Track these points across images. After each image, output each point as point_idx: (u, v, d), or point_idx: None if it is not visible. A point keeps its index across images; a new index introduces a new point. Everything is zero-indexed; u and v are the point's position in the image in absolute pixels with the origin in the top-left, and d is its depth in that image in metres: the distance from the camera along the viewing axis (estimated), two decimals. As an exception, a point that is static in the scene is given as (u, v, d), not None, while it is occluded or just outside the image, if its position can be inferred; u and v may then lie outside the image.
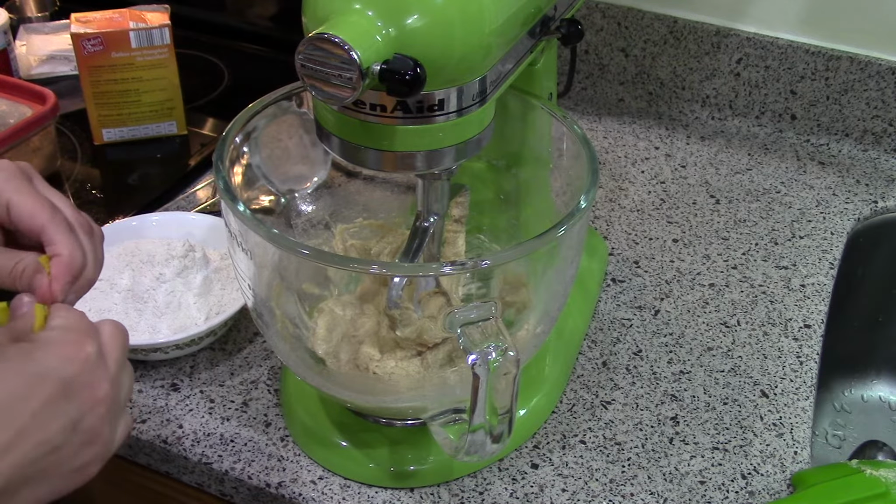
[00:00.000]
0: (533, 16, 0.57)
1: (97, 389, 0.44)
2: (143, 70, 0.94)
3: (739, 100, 1.05)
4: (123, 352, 0.48)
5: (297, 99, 0.63)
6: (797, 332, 0.78)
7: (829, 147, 1.03)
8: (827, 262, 0.86)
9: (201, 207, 0.87)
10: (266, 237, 0.52)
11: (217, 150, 0.58)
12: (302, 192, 0.70)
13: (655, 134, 1.05)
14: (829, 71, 0.99)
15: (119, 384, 0.46)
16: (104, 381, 0.45)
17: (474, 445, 0.52)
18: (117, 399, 0.46)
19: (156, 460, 0.68)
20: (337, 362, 0.60)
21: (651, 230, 0.90)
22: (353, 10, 0.46)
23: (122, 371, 0.47)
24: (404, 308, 0.60)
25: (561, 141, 0.64)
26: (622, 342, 0.76)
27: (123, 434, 0.48)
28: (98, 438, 0.45)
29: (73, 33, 0.90)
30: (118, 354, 0.47)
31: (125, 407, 0.48)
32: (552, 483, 0.64)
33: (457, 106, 0.50)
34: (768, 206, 0.93)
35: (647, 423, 0.69)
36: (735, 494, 0.64)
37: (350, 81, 0.44)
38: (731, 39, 1.01)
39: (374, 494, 0.63)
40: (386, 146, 0.50)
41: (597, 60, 1.09)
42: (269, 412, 0.69)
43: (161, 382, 0.71)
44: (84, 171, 0.94)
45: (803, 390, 0.72)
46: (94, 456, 0.45)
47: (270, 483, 0.63)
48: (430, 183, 0.59)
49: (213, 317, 0.71)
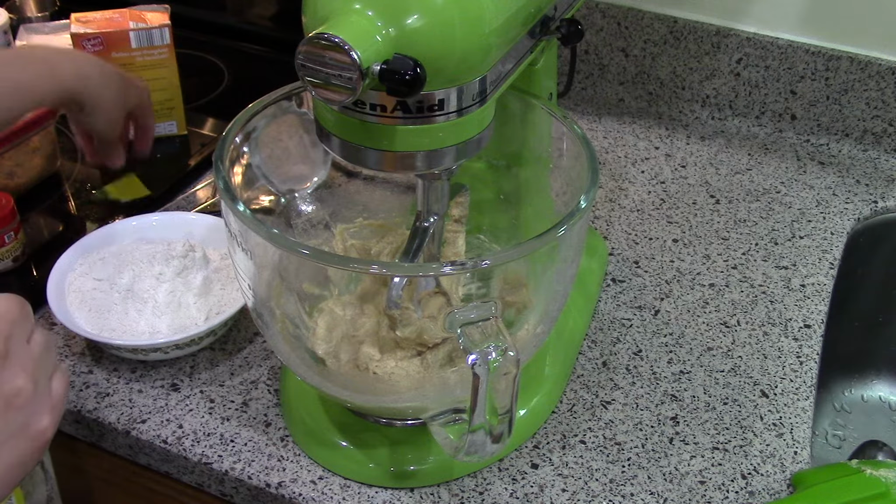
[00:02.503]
0: (533, 16, 0.57)
1: (7, 386, 0.45)
2: (143, 70, 0.94)
3: (739, 100, 1.05)
4: (22, 324, 0.47)
5: (297, 99, 0.63)
6: (797, 332, 0.78)
7: (829, 147, 1.03)
8: (827, 262, 0.86)
9: (201, 207, 0.87)
10: (266, 237, 0.52)
11: (217, 150, 0.58)
12: (302, 192, 0.70)
13: (655, 134, 1.05)
14: (829, 71, 0.99)
15: (32, 359, 0.46)
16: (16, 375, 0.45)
17: (474, 445, 0.52)
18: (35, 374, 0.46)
19: (156, 460, 0.68)
20: (337, 362, 0.60)
21: (651, 230, 0.90)
22: (353, 10, 0.46)
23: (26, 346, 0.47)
24: (404, 308, 0.59)
25: (561, 141, 0.64)
26: (622, 342, 0.76)
27: (61, 388, 0.48)
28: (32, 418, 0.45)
29: (73, 33, 0.90)
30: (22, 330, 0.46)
31: (54, 365, 0.48)
32: (552, 483, 0.64)
33: (457, 106, 0.50)
34: (768, 206, 0.93)
35: (647, 423, 0.69)
36: (735, 494, 0.64)
37: (350, 81, 0.44)
38: (731, 39, 1.01)
39: (374, 494, 0.63)
40: (386, 146, 0.50)
41: (597, 60, 1.09)
42: (269, 412, 0.69)
43: (161, 382, 0.71)
44: (84, 171, 0.94)
45: (803, 390, 0.72)
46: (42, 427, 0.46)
47: (270, 483, 0.63)
48: (430, 183, 0.59)
49: (213, 317, 0.71)
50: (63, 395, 0.48)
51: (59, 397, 0.48)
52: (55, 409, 0.47)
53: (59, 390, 0.48)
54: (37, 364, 0.47)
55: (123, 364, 0.72)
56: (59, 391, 0.48)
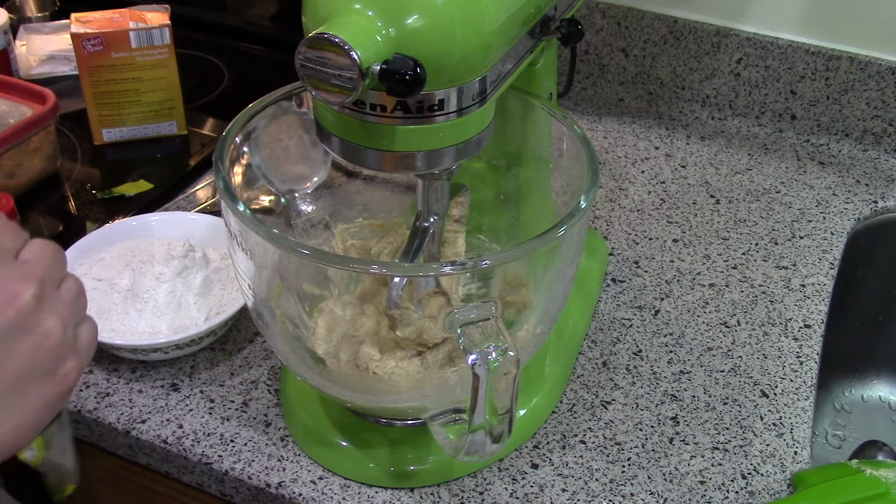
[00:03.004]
0: (533, 16, 0.57)
1: (39, 328, 0.44)
2: (143, 70, 0.94)
3: (739, 100, 1.05)
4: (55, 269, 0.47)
5: (297, 99, 0.63)
6: (797, 332, 0.78)
7: (829, 147, 1.03)
8: (827, 262, 0.86)
9: (201, 207, 0.87)
10: (266, 237, 0.52)
11: (217, 150, 0.58)
12: (302, 192, 0.70)
13: (655, 134, 1.05)
14: (829, 71, 0.99)
15: (63, 304, 0.46)
16: (47, 317, 0.45)
17: (474, 445, 0.52)
18: (64, 319, 0.46)
19: (156, 460, 0.68)
20: (337, 362, 0.60)
21: (651, 230, 0.90)
22: (353, 10, 0.46)
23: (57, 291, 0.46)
24: (404, 308, 0.59)
25: (561, 141, 0.64)
26: (622, 342, 0.76)
27: (89, 335, 0.48)
28: (59, 362, 0.45)
29: (73, 33, 0.90)
30: (55, 275, 0.46)
31: (83, 316, 0.48)
32: (552, 483, 0.64)
33: (457, 106, 0.50)
34: (768, 206, 0.93)
35: (647, 423, 0.69)
36: (735, 494, 0.64)
37: (350, 81, 0.44)
38: (731, 39, 1.01)
39: (374, 494, 0.63)
40: (386, 146, 0.50)
41: (597, 60, 1.09)
42: (269, 412, 0.69)
43: (161, 382, 0.71)
44: (84, 171, 0.94)
45: (803, 390, 0.72)
46: (66, 370, 0.46)
47: (270, 483, 0.63)
48: (430, 183, 0.59)
49: (213, 317, 0.71)
50: (90, 343, 0.48)
51: (86, 344, 0.48)
52: (82, 355, 0.47)
53: (87, 337, 0.48)
54: (67, 309, 0.47)
55: (123, 364, 0.72)
56: (87, 338, 0.48)
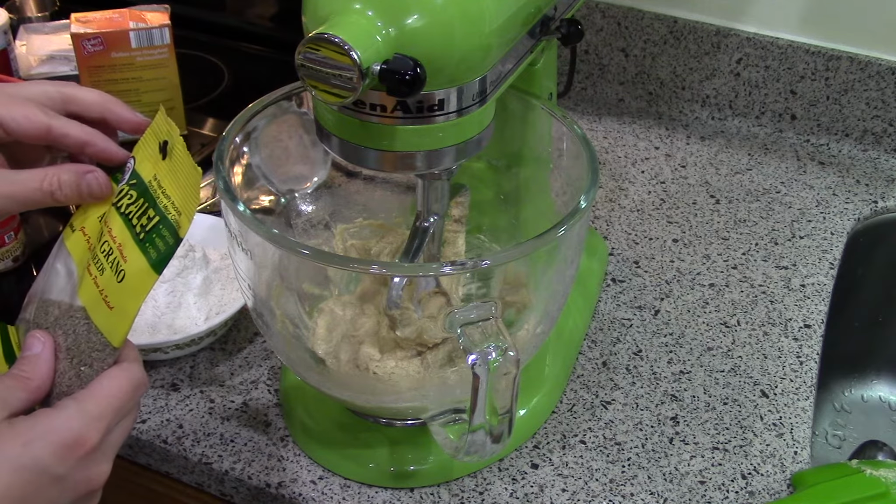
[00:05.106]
0: (533, 16, 0.57)
1: (93, 480, 0.44)
2: (143, 70, 0.94)
3: (739, 100, 1.05)
4: (130, 405, 0.45)
5: (297, 99, 0.63)
6: (797, 332, 0.78)
7: (829, 147, 1.03)
8: (827, 262, 0.86)
9: (201, 207, 0.87)
10: (266, 237, 0.52)
11: (217, 150, 0.58)
12: (302, 192, 0.70)
13: (655, 134, 1.05)
14: (829, 71, 0.99)
15: (115, 446, 0.45)
16: (102, 468, 0.44)
17: (474, 445, 0.52)
18: (111, 457, 0.45)
19: (156, 460, 0.68)
20: (337, 362, 0.60)
21: (651, 230, 0.90)
22: (353, 10, 0.46)
23: (120, 431, 0.46)
24: (404, 308, 0.59)
25: (561, 141, 0.64)
26: (622, 342, 0.76)
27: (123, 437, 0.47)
28: (92, 495, 0.45)
29: (73, 33, 0.90)
30: (123, 413, 0.45)
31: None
32: (552, 483, 0.64)
33: (457, 106, 0.50)
34: (768, 206, 0.93)
35: (647, 423, 0.69)
36: (735, 494, 0.64)
37: (350, 82, 0.44)
38: (731, 39, 1.01)
39: (374, 494, 0.63)
40: (386, 146, 0.50)
41: (597, 60, 1.09)
42: (269, 412, 0.69)
43: (161, 382, 0.71)
44: (84, 171, 0.94)
45: (803, 390, 0.72)
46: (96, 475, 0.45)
47: (270, 483, 0.63)
48: (430, 183, 0.59)
49: (213, 317, 0.71)
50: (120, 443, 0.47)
51: (119, 443, 0.46)
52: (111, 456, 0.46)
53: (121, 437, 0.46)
54: (117, 447, 0.45)
55: (123, 364, 0.72)
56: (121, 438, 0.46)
